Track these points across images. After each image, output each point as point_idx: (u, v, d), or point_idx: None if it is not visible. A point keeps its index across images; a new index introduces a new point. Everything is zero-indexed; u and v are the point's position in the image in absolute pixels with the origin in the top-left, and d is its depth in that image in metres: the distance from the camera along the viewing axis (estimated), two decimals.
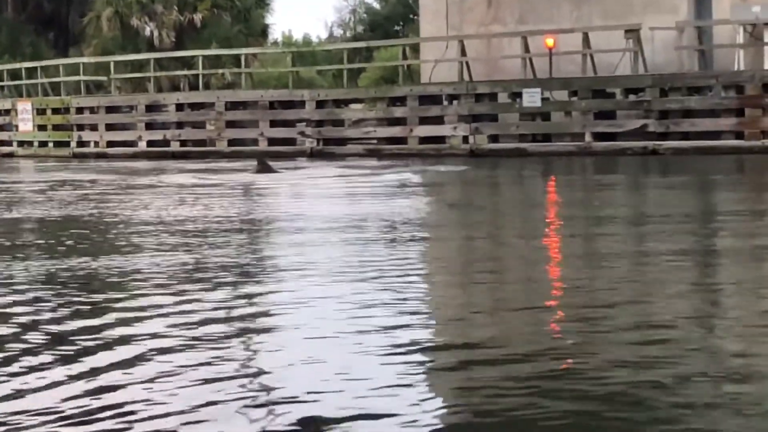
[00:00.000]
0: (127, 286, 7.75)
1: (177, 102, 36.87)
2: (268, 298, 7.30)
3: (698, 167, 22.99)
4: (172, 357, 5.35)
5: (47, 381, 4.90)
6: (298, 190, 19.45)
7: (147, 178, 23.31)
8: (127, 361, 5.26)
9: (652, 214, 13.28)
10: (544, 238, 10.98)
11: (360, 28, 72.52)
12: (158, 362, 5.25)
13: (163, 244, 10.33)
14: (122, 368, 5.11)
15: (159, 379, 4.90)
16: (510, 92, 30.70)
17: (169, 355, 5.40)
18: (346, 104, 34.69)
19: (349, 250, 9.49)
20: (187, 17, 51.82)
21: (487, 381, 4.88)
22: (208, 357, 5.33)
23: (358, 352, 5.39)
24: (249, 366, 5.18)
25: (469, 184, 21.15)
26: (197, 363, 5.20)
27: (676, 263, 8.66)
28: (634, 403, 4.43)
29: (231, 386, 4.76)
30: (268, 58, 49.39)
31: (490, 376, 4.97)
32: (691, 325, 6.12)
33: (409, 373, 4.95)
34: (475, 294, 7.65)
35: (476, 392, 4.73)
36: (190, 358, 5.30)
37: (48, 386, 4.81)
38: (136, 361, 5.25)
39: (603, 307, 6.66)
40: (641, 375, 4.86)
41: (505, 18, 34.92)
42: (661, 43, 30.13)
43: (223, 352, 5.45)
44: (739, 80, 28.08)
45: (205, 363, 5.20)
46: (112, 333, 5.97)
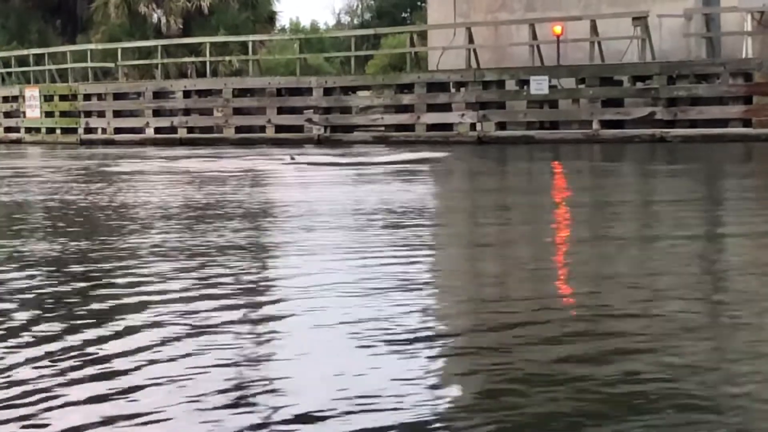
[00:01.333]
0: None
1: (184, 89, 36.89)
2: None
3: (705, 155, 22.97)
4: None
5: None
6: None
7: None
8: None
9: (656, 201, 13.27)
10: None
11: (367, 15, 72.42)
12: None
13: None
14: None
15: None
16: (517, 80, 30.69)
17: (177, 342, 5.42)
18: (354, 91, 34.69)
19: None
20: (194, 4, 51.80)
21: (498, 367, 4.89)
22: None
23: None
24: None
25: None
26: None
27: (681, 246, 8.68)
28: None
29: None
30: (275, 45, 49.34)
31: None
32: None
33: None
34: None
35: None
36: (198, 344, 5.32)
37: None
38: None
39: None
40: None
41: (513, 5, 34.88)
42: (668, 30, 30.08)
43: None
44: (747, 68, 28.03)
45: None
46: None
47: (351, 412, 4.20)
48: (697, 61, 29.31)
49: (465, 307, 6.52)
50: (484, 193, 15.85)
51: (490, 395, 4.48)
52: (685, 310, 6.10)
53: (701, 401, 4.26)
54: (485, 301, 6.73)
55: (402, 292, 6.78)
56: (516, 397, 4.40)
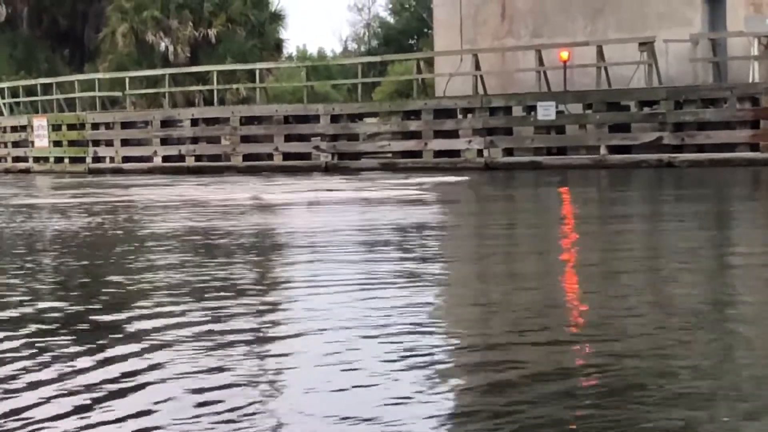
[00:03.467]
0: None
1: (192, 117, 36.95)
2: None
3: (711, 180, 22.95)
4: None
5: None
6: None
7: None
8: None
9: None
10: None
11: (374, 42, 72.61)
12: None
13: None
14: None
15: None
16: (524, 105, 30.71)
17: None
18: (361, 118, 34.70)
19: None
20: (201, 32, 51.94)
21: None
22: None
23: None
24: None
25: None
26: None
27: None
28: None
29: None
30: (282, 73, 49.46)
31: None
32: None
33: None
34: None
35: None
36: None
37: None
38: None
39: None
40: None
41: (519, 31, 34.94)
42: (675, 55, 30.11)
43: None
44: (754, 92, 28.02)
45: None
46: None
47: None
48: (704, 85, 29.30)
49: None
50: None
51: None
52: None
53: None
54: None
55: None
56: None
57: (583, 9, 33.73)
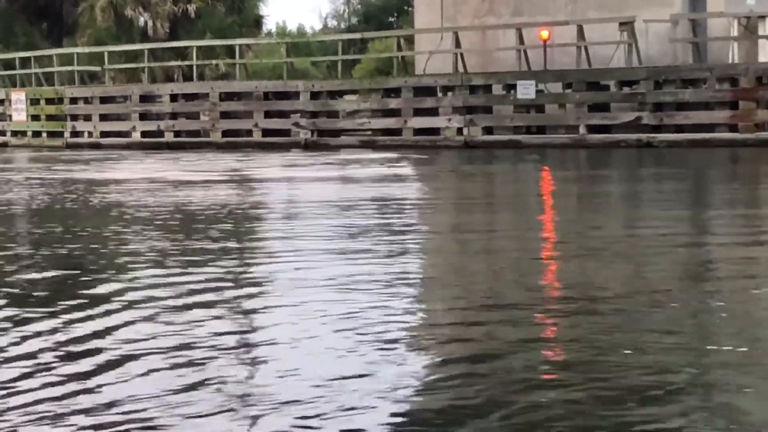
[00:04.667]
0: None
1: (171, 93, 36.80)
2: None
3: (689, 160, 23.02)
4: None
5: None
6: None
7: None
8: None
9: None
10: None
11: (354, 19, 72.45)
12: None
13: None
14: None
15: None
16: (504, 84, 30.70)
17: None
18: (341, 95, 34.64)
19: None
20: (181, 8, 51.78)
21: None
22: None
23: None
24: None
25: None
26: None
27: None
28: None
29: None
30: (262, 49, 49.35)
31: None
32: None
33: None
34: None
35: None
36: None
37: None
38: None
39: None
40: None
41: (500, 10, 34.89)
42: (655, 35, 30.13)
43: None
44: (734, 73, 28.08)
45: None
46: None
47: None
48: (683, 66, 29.33)
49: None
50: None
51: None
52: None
53: None
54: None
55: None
56: None
57: None
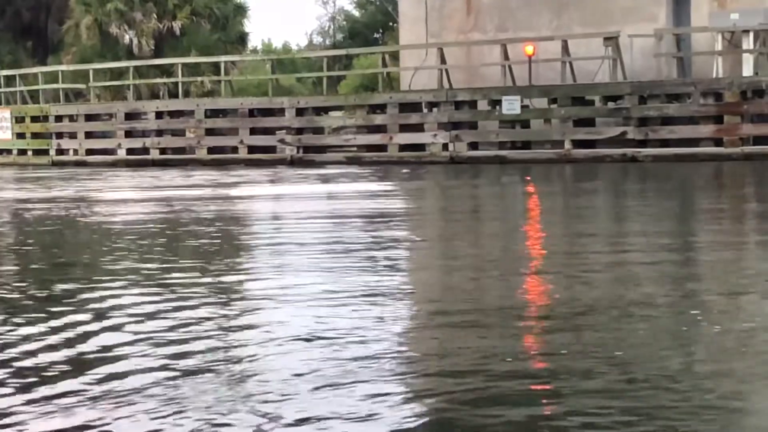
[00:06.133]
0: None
1: (156, 110, 36.80)
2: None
3: (672, 175, 23.04)
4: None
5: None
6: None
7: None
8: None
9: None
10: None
11: (339, 35, 72.43)
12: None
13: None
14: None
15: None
16: (489, 100, 30.74)
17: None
18: (326, 112, 34.65)
19: None
20: (165, 25, 51.70)
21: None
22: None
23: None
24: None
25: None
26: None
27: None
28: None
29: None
30: (247, 66, 49.29)
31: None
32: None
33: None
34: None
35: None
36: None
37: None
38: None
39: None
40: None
41: (485, 25, 34.96)
42: (639, 50, 30.20)
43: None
44: (718, 87, 28.14)
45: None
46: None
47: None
48: (668, 80, 29.40)
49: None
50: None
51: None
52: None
53: None
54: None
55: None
56: None
57: (548, 3, 33.77)
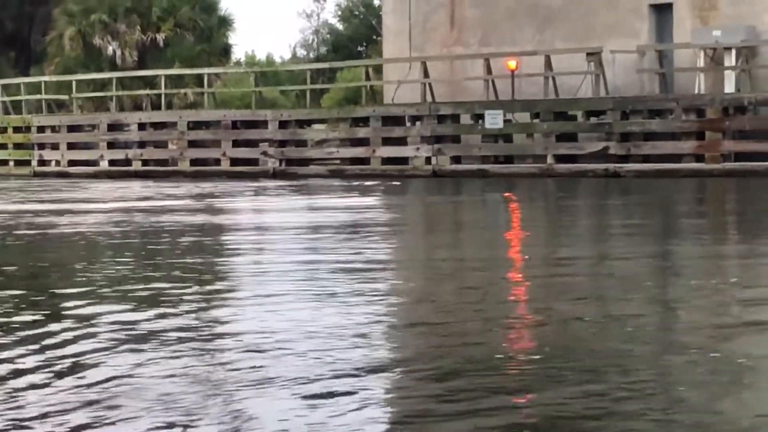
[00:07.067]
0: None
1: (139, 121, 36.76)
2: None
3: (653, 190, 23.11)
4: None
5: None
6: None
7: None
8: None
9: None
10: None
11: (323, 48, 72.47)
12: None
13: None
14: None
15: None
16: (472, 114, 30.79)
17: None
18: (309, 124, 34.66)
19: None
20: (149, 37, 51.64)
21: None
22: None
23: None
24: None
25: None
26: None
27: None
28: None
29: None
30: (230, 78, 49.26)
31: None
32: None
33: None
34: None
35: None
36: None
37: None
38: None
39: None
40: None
41: (468, 40, 35.01)
42: (622, 66, 30.28)
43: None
44: (700, 104, 28.22)
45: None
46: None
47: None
48: (650, 96, 29.49)
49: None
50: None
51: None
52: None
53: None
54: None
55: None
56: None
57: (531, 19, 33.84)
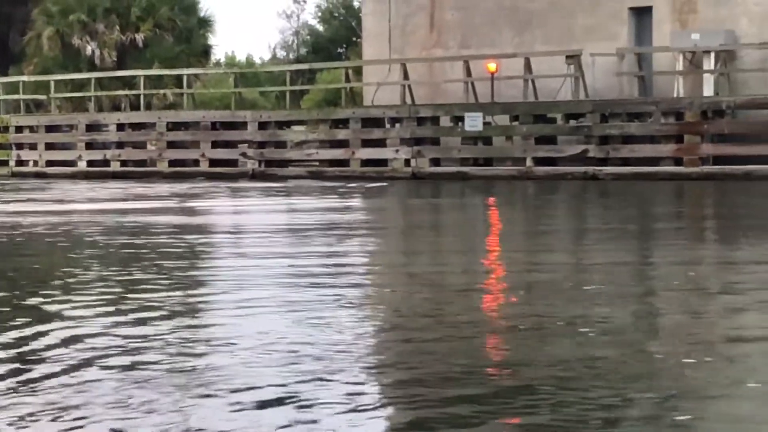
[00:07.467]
0: None
1: (118, 122, 36.66)
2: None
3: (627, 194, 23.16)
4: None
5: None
6: None
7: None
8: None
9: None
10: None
11: (303, 50, 72.40)
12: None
13: None
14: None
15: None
16: (452, 116, 30.80)
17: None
18: (289, 126, 34.60)
19: None
20: (128, 37, 51.46)
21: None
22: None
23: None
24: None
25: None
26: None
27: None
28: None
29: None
30: (210, 79, 49.18)
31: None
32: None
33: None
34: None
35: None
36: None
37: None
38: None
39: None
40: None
41: (448, 42, 35.01)
42: (601, 69, 30.33)
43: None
44: (679, 107, 28.30)
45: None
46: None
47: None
48: (629, 99, 29.56)
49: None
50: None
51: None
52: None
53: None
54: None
55: None
56: None
57: (510, 21, 33.85)
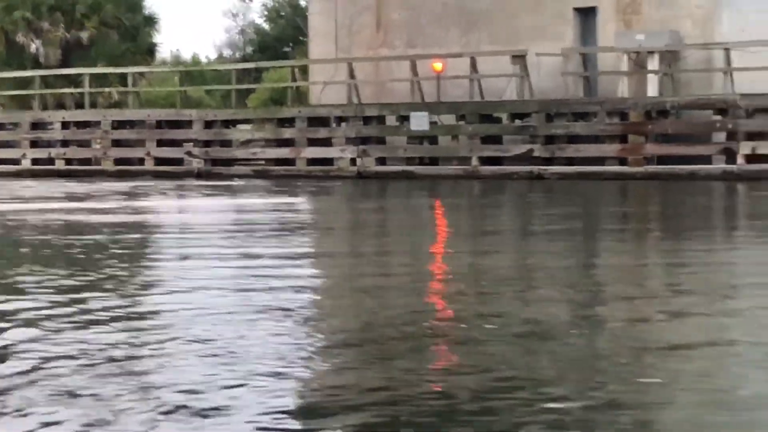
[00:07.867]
0: None
1: (63, 120, 36.39)
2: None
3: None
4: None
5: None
6: None
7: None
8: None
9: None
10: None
11: (249, 48, 72.28)
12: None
13: None
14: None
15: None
16: (398, 115, 30.85)
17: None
18: (235, 125, 34.52)
19: None
20: (73, 35, 51.14)
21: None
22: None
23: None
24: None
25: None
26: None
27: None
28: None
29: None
30: (155, 78, 49.00)
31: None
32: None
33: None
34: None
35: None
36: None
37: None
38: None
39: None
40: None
41: (394, 41, 35.06)
42: (547, 69, 30.49)
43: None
44: (623, 107, 28.49)
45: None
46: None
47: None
48: (574, 99, 29.71)
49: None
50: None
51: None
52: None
53: None
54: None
55: None
56: None
57: (457, 21, 33.95)
